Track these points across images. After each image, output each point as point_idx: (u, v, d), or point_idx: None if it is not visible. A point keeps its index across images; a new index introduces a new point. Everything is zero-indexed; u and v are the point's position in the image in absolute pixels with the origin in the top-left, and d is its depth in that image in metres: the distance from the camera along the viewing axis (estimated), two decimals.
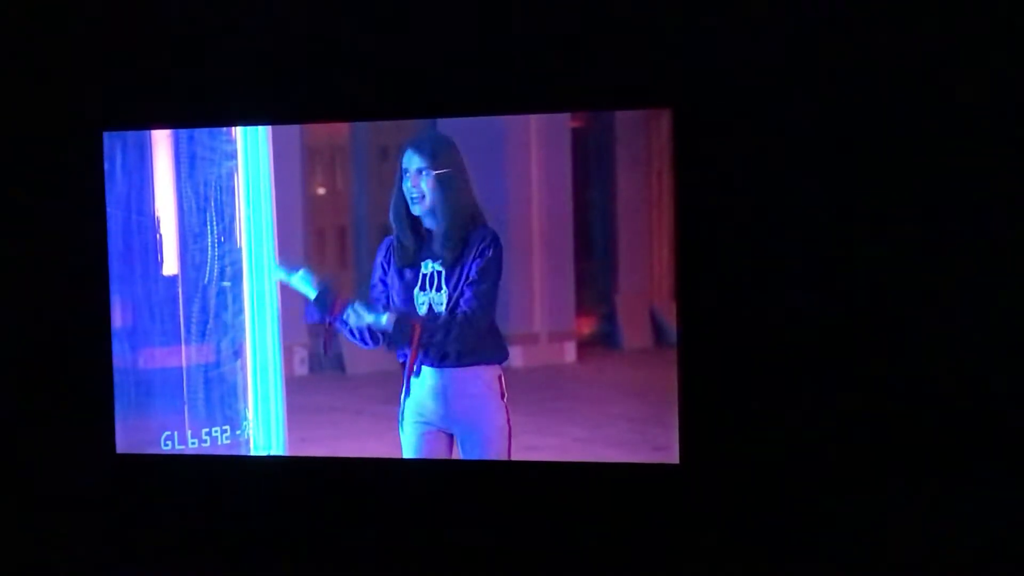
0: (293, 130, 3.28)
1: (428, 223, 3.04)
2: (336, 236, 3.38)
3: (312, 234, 3.37)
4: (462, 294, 3.02)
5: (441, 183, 2.99)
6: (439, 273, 3.02)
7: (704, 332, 2.96)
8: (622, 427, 3.07)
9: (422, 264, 3.04)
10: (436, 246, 3.03)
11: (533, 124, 3.13)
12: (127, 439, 3.30)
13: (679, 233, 2.96)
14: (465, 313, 3.01)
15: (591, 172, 3.12)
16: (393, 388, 3.14)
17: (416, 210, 3.03)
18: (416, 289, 3.05)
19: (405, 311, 3.06)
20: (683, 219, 2.95)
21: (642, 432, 3.04)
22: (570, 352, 3.21)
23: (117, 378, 3.29)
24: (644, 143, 3.04)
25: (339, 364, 3.38)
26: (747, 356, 2.95)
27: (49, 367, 3.37)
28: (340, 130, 3.32)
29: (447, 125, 3.09)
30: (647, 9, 2.96)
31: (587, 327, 3.20)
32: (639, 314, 3.12)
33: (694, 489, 3.00)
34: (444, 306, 3.03)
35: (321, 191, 3.42)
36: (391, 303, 3.08)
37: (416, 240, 3.05)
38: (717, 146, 2.93)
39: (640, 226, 3.06)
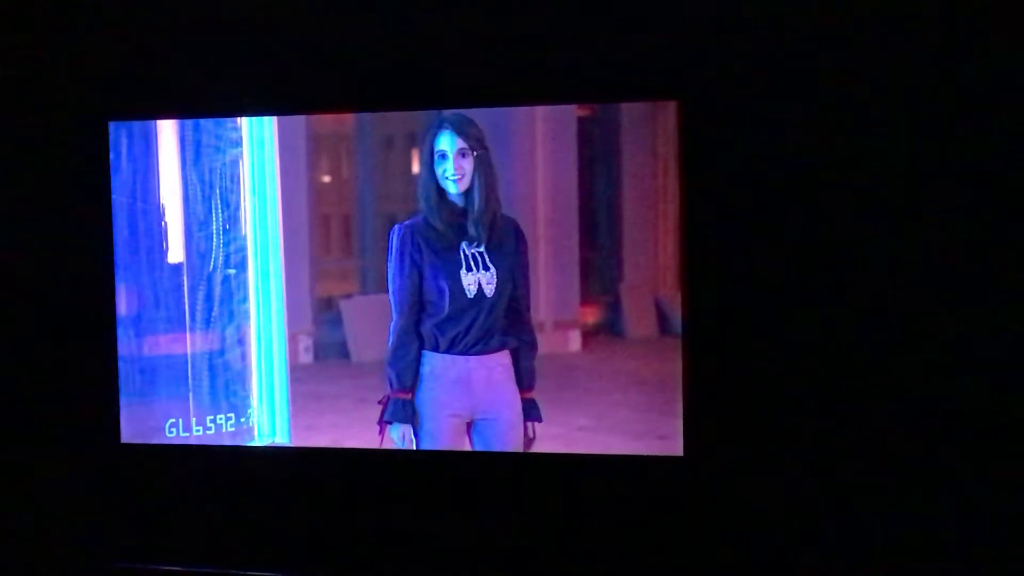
0: (298, 118, 3.28)
1: (461, 204, 3.04)
2: (341, 224, 3.38)
3: (317, 222, 3.38)
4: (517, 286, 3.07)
5: (481, 163, 3.01)
6: (481, 254, 3.04)
7: (709, 322, 2.97)
8: (626, 416, 3.08)
9: (462, 245, 3.06)
10: (471, 227, 3.03)
11: (539, 114, 3.13)
12: (132, 426, 3.30)
13: (684, 223, 2.97)
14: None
15: (597, 162, 3.12)
16: None
17: (453, 190, 3.03)
18: (462, 270, 3.06)
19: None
20: (689, 210, 2.96)
21: (646, 421, 3.05)
22: (574, 341, 3.22)
23: (122, 366, 3.29)
24: (650, 134, 3.04)
25: (343, 352, 3.39)
26: (751, 346, 2.96)
27: (54, 355, 3.37)
28: (345, 118, 3.32)
29: None
30: (654, 1, 2.96)
31: (591, 316, 3.21)
32: (643, 303, 3.13)
33: (698, 480, 3.01)
34: (493, 285, 3.05)
35: (326, 179, 3.42)
36: (430, 285, 3.08)
37: (450, 223, 3.05)
38: (723, 138, 2.93)
39: (645, 216, 3.07)
